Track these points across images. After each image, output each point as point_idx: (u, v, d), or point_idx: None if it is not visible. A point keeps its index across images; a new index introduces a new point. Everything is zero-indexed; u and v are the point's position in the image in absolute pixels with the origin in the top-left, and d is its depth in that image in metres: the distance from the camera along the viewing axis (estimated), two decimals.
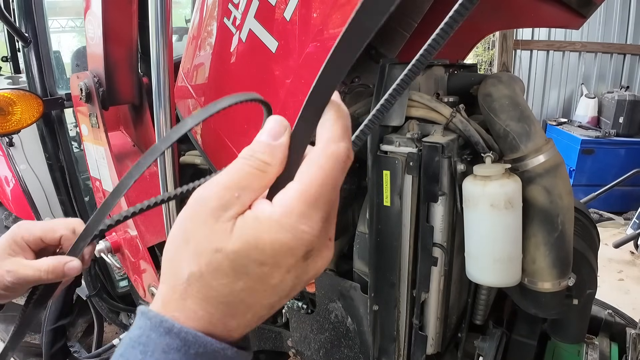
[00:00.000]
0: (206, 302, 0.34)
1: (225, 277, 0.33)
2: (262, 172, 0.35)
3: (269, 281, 0.34)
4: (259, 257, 0.33)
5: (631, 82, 5.65)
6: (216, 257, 0.33)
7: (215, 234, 0.33)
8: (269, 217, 0.33)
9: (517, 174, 0.90)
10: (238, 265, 0.33)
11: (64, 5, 4.75)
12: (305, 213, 0.33)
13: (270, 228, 0.33)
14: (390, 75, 0.96)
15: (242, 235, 0.33)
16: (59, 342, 1.92)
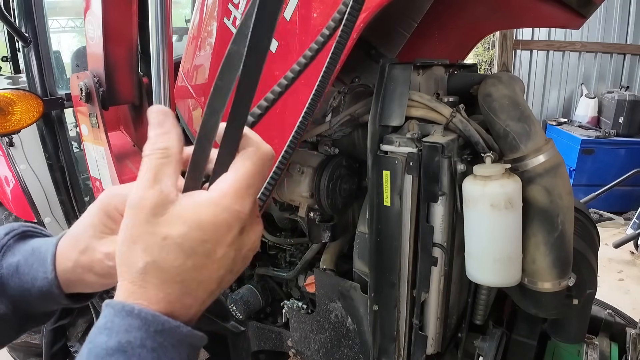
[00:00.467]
0: (164, 284, 0.38)
1: (176, 259, 0.38)
2: (167, 157, 0.40)
3: (214, 256, 0.39)
4: (203, 236, 0.38)
5: (631, 82, 5.65)
6: (166, 243, 0.37)
7: (159, 227, 0.38)
8: (208, 200, 0.39)
9: (517, 174, 0.90)
10: (186, 247, 0.38)
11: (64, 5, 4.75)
12: (240, 196, 0.39)
13: (209, 209, 0.38)
14: (390, 75, 0.96)
15: (185, 220, 0.38)
16: (59, 342, 1.92)
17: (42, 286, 0.50)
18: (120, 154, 1.50)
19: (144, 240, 0.38)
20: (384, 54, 1.35)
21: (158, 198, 0.38)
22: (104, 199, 0.50)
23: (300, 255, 1.35)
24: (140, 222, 0.38)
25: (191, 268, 0.38)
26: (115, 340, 0.36)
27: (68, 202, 2.38)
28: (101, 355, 0.35)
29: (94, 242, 0.50)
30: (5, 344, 0.56)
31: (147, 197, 0.38)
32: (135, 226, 0.38)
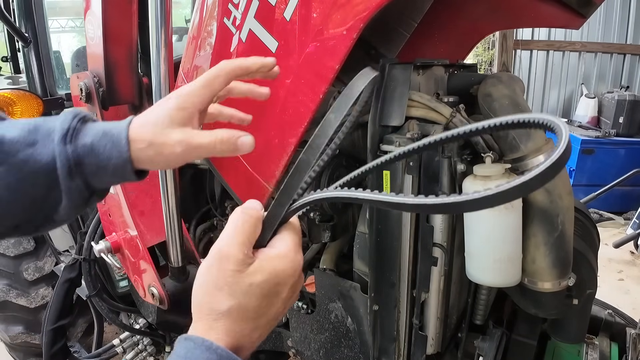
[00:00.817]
0: (242, 321, 0.48)
1: (257, 300, 0.49)
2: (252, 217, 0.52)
3: (282, 295, 0.51)
4: (277, 281, 0.50)
5: (631, 82, 5.65)
6: (250, 289, 0.48)
7: (243, 278, 0.48)
8: (278, 254, 0.51)
9: (517, 174, 0.90)
10: (265, 290, 0.49)
11: (64, 5, 4.75)
12: (297, 251, 0.53)
13: (281, 260, 0.51)
14: (390, 75, 0.96)
15: (263, 270, 0.49)
16: (59, 342, 1.92)
17: (116, 164, 0.58)
18: None
19: (229, 288, 0.48)
20: (384, 54, 1.35)
21: (242, 257, 0.49)
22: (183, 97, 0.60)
23: None
24: (225, 274, 0.48)
25: (265, 306, 0.49)
26: None
27: None
28: None
29: (168, 130, 0.58)
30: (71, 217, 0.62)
31: (233, 255, 0.48)
32: (221, 277, 0.48)
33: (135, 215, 1.38)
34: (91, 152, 0.57)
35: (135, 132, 0.58)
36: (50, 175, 0.56)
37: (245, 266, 0.48)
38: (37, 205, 0.59)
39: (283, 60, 0.94)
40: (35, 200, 0.58)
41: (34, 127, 0.57)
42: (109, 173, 0.58)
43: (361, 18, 0.82)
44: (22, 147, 0.56)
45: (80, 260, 1.82)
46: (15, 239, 2.37)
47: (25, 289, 2.40)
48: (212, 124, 0.75)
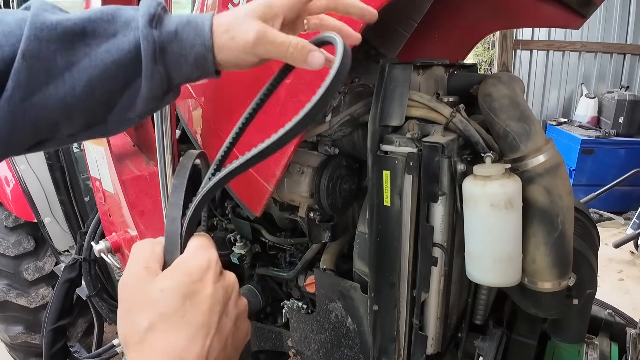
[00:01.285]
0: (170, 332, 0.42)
1: (176, 304, 0.43)
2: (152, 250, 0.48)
3: (206, 292, 0.45)
4: (190, 278, 0.44)
5: (631, 82, 5.65)
6: (163, 294, 0.43)
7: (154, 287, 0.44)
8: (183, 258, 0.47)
9: (517, 174, 0.90)
10: (182, 291, 0.43)
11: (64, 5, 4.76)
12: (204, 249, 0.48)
13: (188, 261, 0.46)
14: (390, 75, 0.96)
15: (172, 274, 0.45)
16: (59, 342, 1.92)
17: (198, 52, 0.57)
18: (120, 154, 1.50)
19: (143, 303, 0.43)
20: (384, 54, 1.35)
21: (145, 271, 0.45)
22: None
23: (300, 255, 1.35)
24: (136, 292, 0.44)
25: (190, 307, 0.43)
26: None
27: (68, 202, 2.38)
28: None
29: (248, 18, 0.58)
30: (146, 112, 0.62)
31: (135, 272, 0.45)
32: (132, 297, 0.44)
33: (135, 215, 1.38)
34: (175, 38, 0.56)
35: (217, 19, 0.58)
36: (133, 63, 0.55)
37: (151, 279, 0.44)
38: (114, 100, 0.58)
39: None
40: (115, 94, 0.57)
41: (112, 17, 0.56)
42: (190, 62, 0.58)
43: None
44: (103, 38, 0.55)
45: (80, 260, 1.82)
46: (15, 239, 2.37)
47: (25, 289, 2.41)
48: None
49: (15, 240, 2.38)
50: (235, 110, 1.10)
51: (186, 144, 1.40)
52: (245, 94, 1.06)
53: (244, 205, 1.16)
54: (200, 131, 1.24)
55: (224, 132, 1.13)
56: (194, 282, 0.44)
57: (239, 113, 1.09)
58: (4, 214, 2.40)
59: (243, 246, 1.45)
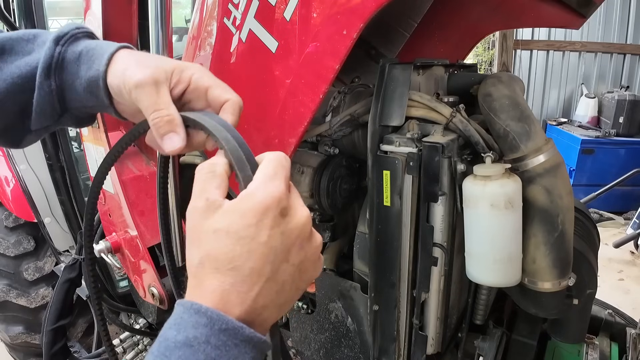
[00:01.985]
0: (217, 272, 0.42)
1: (226, 246, 0.42)
2: (212, 172, 0.48)
3: (260, 239, 0.42)
4: (245, 221, 0.42)
5: (631, 82, 5.65)
6: (215, 235, 0.43)
7: (209, 225, 0.43)
8: (244, 194, 0.45)
9: (517, 173, 0.90)
10: (232, 233, 0.42)
11: (64, 5, 4.75)
12: (269, 180, 0.45)
13: (247, 199, 0.44)
14: (390, 75, 0.96)
15: (229, 214, 0.43)
16: (59, 342, 1.92)
17: (92, 76, 0.56)
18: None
19: (197, 239, 0.44)
20: (384, 54, 1.35)
21: (205, 204, 0.45)
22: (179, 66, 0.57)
23: None
24: (193, 226, 0.45)
25: (240, 253, 0.42)
26: (184, 335, 0.40)
27: (68, 202, 2.38)
28: (170, 348, 0.39)
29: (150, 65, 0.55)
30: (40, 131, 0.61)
31: (196, 205, 0.45)
32: (190, 230, 0.45)
33: (135, 215, 1.38)
34: (77, 59, 0.56)
35: (127, 53, 0.57)
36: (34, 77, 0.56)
37: (208, 215, 0.44)
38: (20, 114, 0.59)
39: (283, 60, 0.94)
40: (26, 105, 0.58)
41: (33, 37, 0.58)
42: (84, 85, 0.56)
43: (361, 18, 0.82)
44: (19, 56, 0.57)
45: (80, 260, 1.82)
46: (15, 240, 2.37)
47: (25, 289, 2.41)
48: None
49: (15, 240, 2.38)
50: None
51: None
52: (245, 94, 1.06)
53: None
54: None
55: None
56: (248, 225, 0.42)
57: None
58: (4, 214, 2.40)
59: None
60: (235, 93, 0.61)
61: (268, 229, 0.43)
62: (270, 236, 0.43)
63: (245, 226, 0.42)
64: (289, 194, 0.46)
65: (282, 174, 0.46)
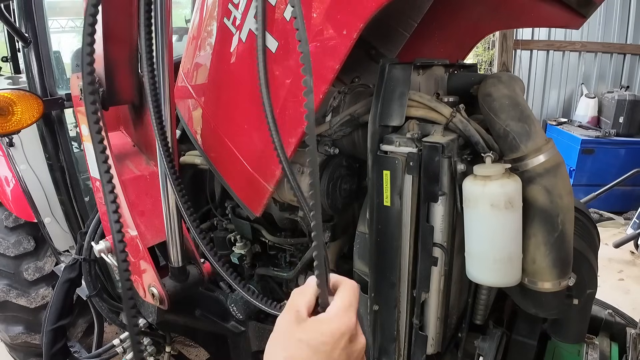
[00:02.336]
0: None
1: (306, 355, 0.54)
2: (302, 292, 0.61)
3: (332, 356, 0.55)
4: (325, 340, 0.55)
5: (631, 82, 5.65)
6: (300, 343, 0.55)
7: (295, 333, 0.56)
8: (327, 317, 0.58)
9: (517, 173, 0.90)
10: (313, 346, 0.55)
11: (64, 5, 4.75)
12: (346, 313, 0.58)
13: (329, 323, 0.57)
14: (390, 75, 0.96)
15: (312, 330, 0.56)
16: (59, 342, 1.92)
17: None
18: (120, 154, 1.50)
19: (283, 342, 0.56)
20: (384, 54, 1.35)
21: (294, 316, 0.58)
22: None
23: (300, 255, 1.35)
24: (281, 331, 0.57)
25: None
26: None
27: (68, 202, 2.38)
28: None
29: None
30: None
31: (287, 314, 0.58)
32: (278, 334, 0.57)
33: (135, 215, 1.38)
34: None
35: None
36: None
37: (297, 324, 0.56)
38: None
39: (283, 60, 0.94)
40: None
41: None
42: None
43: (361, 18, 0.82)
44: None
45: (80, 260, 1.82)
46: (15, 239, 2.37)
47: (26, 289, 2.41)
48: None
49: (15, 240, 2.38)
50: (235, 110, 1.10)
51: (186, 144, 1.40)
52: (245, 94, 1.06)
53: (244, 206, 1.16)
54: (200, 131, 1.24)
55: (224, 132, 1.13)
56: (325, 343, 0.55)
57: (239, 113, 1.09)
58: (4, 214, 2.40)
59: (243, 246, 1.45)
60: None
61: (340, 349, 0.55)
62: (339, 355, 0.55)
63: (323, 343, 0.55)
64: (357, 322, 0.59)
65: (355, 306, 0.59)
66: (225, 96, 1.13)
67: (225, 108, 1.13)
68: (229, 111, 1.11)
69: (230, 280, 1.06)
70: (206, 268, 1.42)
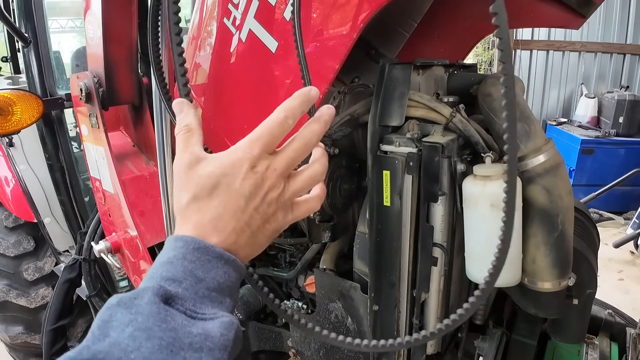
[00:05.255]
0: (199, 211, 0.51)
1: (206, 189, 0.51)
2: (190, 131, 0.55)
3: (233, 186, 0.51)
4: (222, 171, 0.51)
5: (631, 82, 5.65)
6: (199, 180, 0.51)
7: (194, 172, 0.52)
8: (230, 149, 0.53)
9: (517, 173, 0.90)
10: (213, 180, 0.51)
11: (64, 5, 4.75)
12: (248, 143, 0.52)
13: (227, 153, 0.52)
14: (390, 75, 0.96)
15: (211, 164, 0.52)
16: (59, 343, 1.92)
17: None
18: (120, 154, 1.50)
19: (184, 185, 0.52)
20: (384, 54, 1.35)
21: (190, 156, 0.53)
22: None
23: (300, 255, 1.35)
24: (180, 175, 0.52)
25: (217, 194, 0.51)
26: (165, 256, 0.48)
27: (68, 202, 2.38)
28: (156, 267, 0.48)
29: None
30: None
31: (181, 157, 0.53)
32: (178, 179, 0.53)
33: (135, 216, 1.38)
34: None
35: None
36: None
37: (195, 163, 0.52)
38: None
39: (283, 60, 0.94)
40: None
41: None
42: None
43: (361, 18, 0.82)
44: None
45: (80, 260, 1.82)
46: (15, 240, 2.37)
47: (25, 289, 2.40)
48: None
49: (15, 240, 2.38)
50: (236, 111, 1.10)
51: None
52: (245, 94, 1.06)
53: None
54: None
55: (223, 132, 1.13)
56: (225, 175, 0.51)
57: (239, 113, 1.09)
58: (4, 214, 2.40)
59: None
60: None
61: (240, 179, 0.51)
62: (241, 185, 0.51)
63: (222, 175, 0.51)
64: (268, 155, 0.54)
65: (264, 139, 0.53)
66: (225, 96, 1.13)
67: (225, 108, 1.13)
68: (229, 111, 1.11)
69: None
70: None
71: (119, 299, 0.45)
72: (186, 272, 0.47)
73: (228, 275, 0.50)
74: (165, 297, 0.45)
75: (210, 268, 0.48)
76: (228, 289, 0.50)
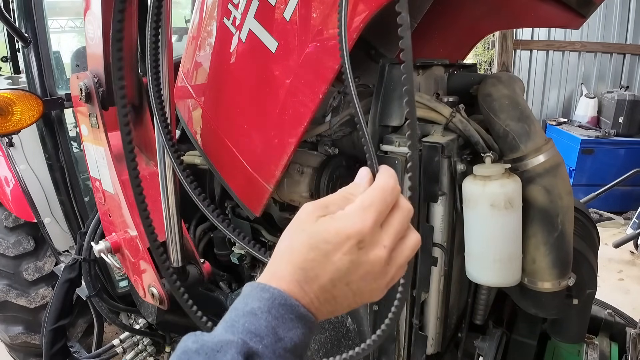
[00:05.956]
0: (291, 265, 0.49)
1: (303, 248, 0.49)
2: (347, 198, 0.53)
3: (331, 258, 0.49)
4: (326, 237, 0.49)
5: (631, 82, 5.65)
6: (300, 234, 0.50)
7: (304, 224, 0.51)
8: (339, 214, 0.51)
9: (517, 173, 0.90)
10: (312, 240, 0.49)
11: (64, 5, 4.75)
12: (360, 212, 0.50)
13: (337, 219, 0.50)
14: (390, 75, 0.96)
15: (320, 223, 0.50)
16: (59, 343, 1.92)
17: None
18: (120, 154, 1.50)
19: (293, 230, 0.52)
20: (384, 54, 1.35)
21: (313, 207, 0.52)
22: None
23: None
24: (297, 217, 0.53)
25: (311, 260, 0.49)
26: (250, 306, 0.47)
27: (68, 202, 2.38)
28: (239, 316, 0.47)
29: None
30: None
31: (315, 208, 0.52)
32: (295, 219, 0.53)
33: (135, 216, 1.37)
34: None
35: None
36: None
37: (311, 215, 0.51)
38: None
39: (283, 60, 0.94)
40: None
41: None
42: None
43: (361, 18, 0.82)
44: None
45: (80, 260, 1.82)
46: (15, 240, 2.37)
47: (25, 289, 2.40)
48: None
49: (15, 240, 2.38)
50: (235, 110, 1.10)
51: (186, 144, 1.40)
52: (245, 94, 1.06)
53: (243, 206, 1.16)
54: (200, 131, 1.24)
55: (223, 132, 1.13)
56: (326, 242, 0.49)
57: (239, 113, 1.09)
58: (4, 214, 2.39)
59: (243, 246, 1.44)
60: None
61: (341, 253, 0.49)
62: (340, 259, 0.49)
63: (324, 241, 0.49)
64: (378, 229, 0.51)
65: (377, 208, 0.51)
66: (225, 96, 1.13)
67: (225, 108, 1.13)
68: (229, 111, 1.11)
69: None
70: (206, 268, 1.42)
71: (198, 346, 0.44)
72: (269, 328, 0.46)
73: (304, 336, 0.49)
74: (247, 355, 0.44)
75: (291, 327, 0.47)
76: (301, 349, 0.49)
